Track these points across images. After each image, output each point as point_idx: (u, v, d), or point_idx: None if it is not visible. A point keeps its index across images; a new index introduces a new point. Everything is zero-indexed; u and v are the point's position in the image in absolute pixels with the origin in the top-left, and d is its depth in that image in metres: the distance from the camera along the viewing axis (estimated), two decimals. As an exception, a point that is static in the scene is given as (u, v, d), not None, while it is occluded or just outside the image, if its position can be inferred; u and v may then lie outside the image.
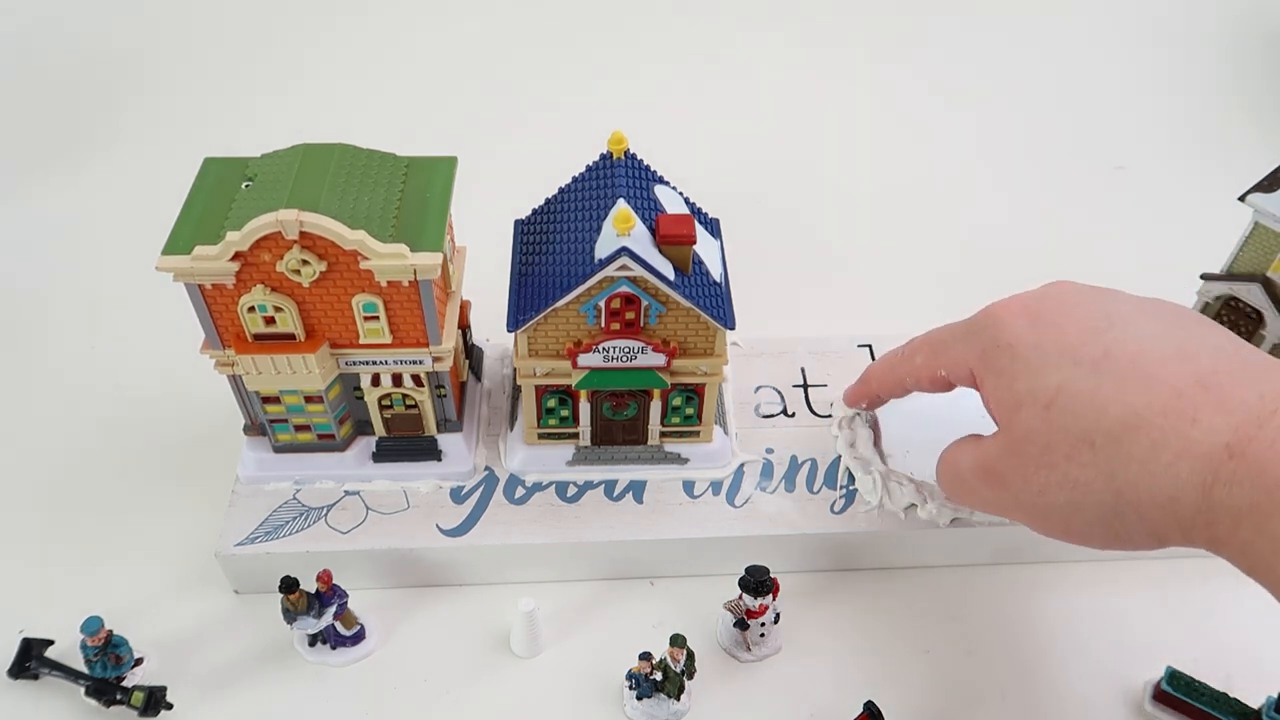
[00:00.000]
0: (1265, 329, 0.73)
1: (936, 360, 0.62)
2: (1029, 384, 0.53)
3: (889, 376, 0.67)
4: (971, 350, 0.58)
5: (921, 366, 0.63)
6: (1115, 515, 0.50)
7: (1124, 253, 0.98)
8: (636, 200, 0.61)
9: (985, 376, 0.57)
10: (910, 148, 1.12)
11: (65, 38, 1.25)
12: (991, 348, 0.56)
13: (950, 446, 0.61)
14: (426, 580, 0.69)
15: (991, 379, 0.56)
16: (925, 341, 0.64)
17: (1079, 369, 0.52)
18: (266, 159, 0.61)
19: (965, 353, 0.59)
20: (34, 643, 0.63)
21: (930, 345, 0.63)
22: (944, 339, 0.62)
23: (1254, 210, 0.72)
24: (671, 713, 0.61)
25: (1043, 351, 0.54)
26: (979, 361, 0.57)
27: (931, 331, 0.64)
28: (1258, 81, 1.23)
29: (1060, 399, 0.52)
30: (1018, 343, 0.55)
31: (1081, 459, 0.51)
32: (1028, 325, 0.55)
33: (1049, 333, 0.54)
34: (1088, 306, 0.55)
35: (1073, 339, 0.53)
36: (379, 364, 0.64)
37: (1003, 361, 0.55)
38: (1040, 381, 0.53)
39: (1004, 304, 0.58)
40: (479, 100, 1.17)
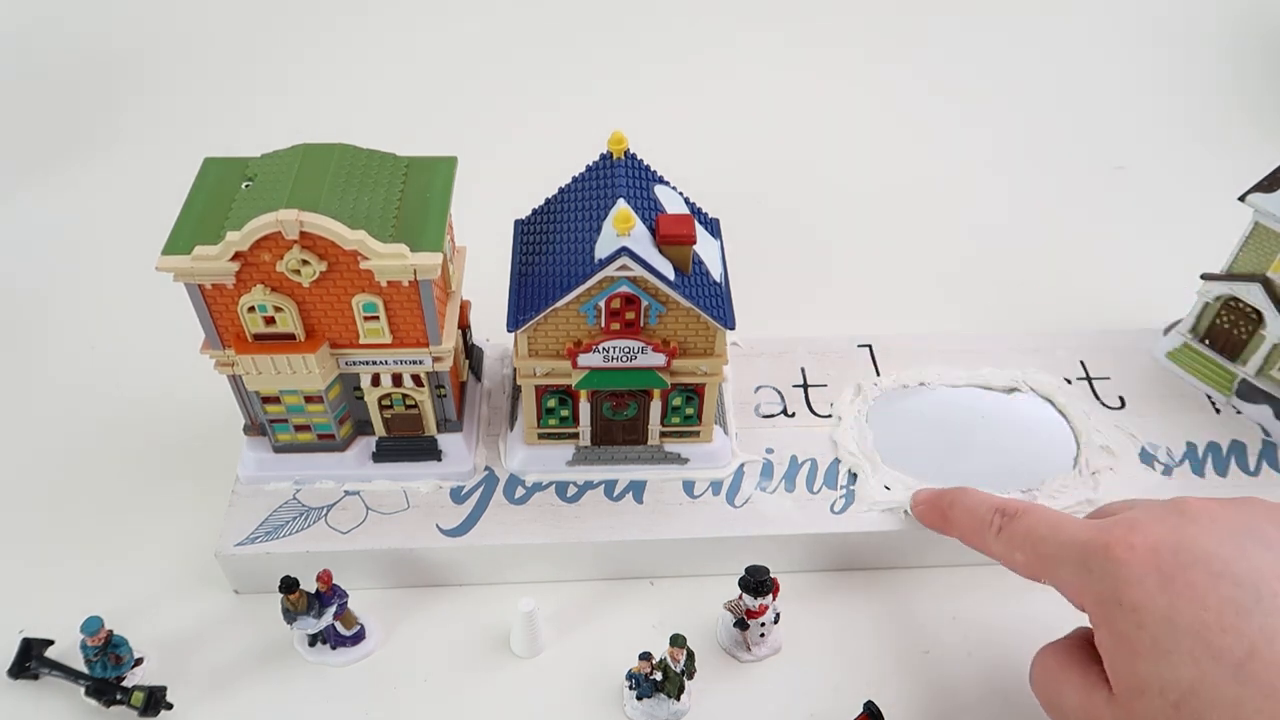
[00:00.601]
0: (1265, 329, 0.73)
1: (1041, 572, 0.55)
2: (1156, 669, 0.46)
3: (975, 538, 0.60)
4: (1085, 588, 0.51)
5: (1021, 566, 0.56)
6: None
7: (1124, 253, 0.98)
8: (636, 200, 0.61)
9: (1102, 630, 0.50)
10: (910, 148, 1.12)
11: (65, 38, 1.25)
12: (1111, 603, 0.49)
13: (1050, 655, 0.55)
14: (426, 580, 0.69)
15: (1110, 639, 0.49)
16: (1028, 537, 0.56)
17: (1218, 667, 0.44)
18: (266, 159, 0.61)
19: (1076, 584, 0.52)
20: (34, 643, 0.63)
21: (1035, 549, 0.55)
22: (1052, 552, 0.54)
23: (1254, 210, 0.72)
24: (671, 713, 0.61)
25: (1175, 631, 0.46)
26: (1094, 606, 0.50)
27: (1034, 520, 0.56)
28: (1258, 81, 1.23)
29: (1193, 702, 0.45)
30: (1145, 609, 0.47)
31: None
32: (1158, 586, 0.47)
33: (1184, 605, 0.46)
34: (1229, 565, 0.47)
35: (1212, 621, 0.45)
36: (379, 364, 0.64)
37: (1125, 626, 0.48)
38: (1171, 672, 0.46)
39: (1128, 543, 0.50)
40: (479, 100, 1.17)
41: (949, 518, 0.63)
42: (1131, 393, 0.78)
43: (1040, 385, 0.78)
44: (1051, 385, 0.77)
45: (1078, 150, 1.12)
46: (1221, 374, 0.77)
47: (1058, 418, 0.76)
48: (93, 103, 1.15)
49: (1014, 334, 0.82)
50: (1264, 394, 0.75)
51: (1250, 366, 0.75)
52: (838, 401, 0.76)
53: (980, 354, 0.80)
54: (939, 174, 1.08)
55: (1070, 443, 0.74)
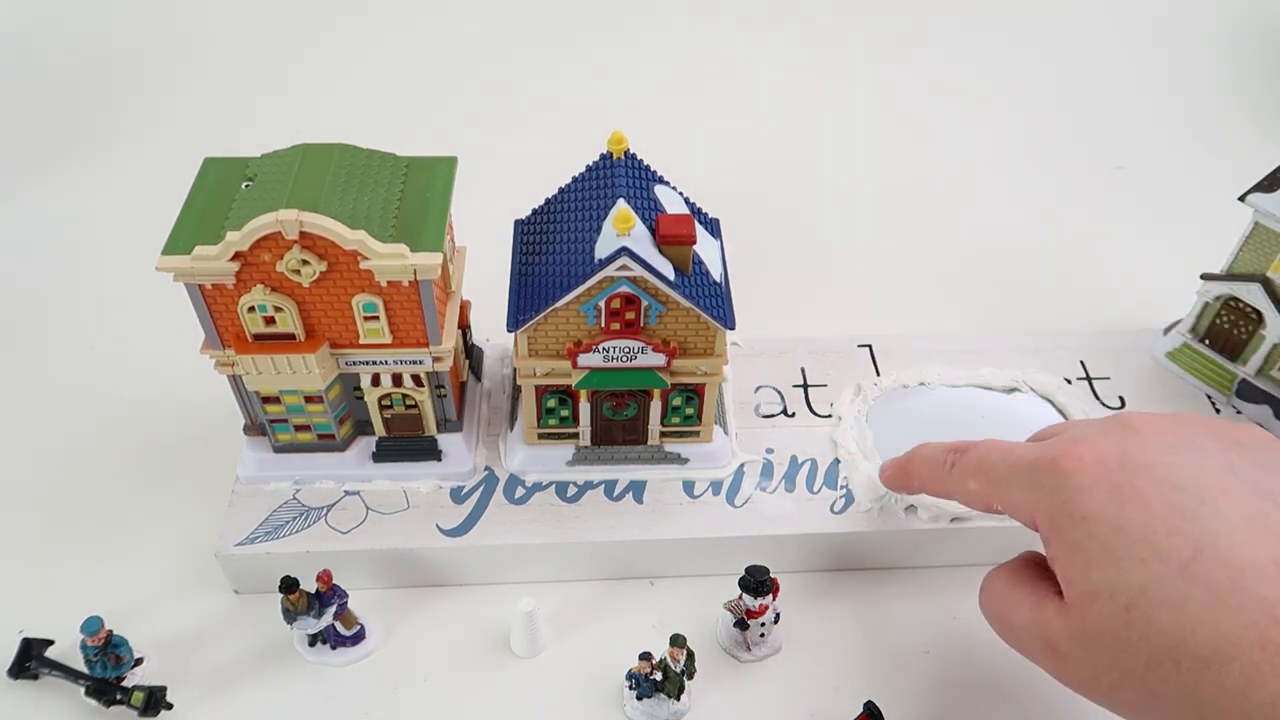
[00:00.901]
0: (1265, 329, 0.73)
1: (993, 495, 0.56)
2: (1107, 575, 0.47)
3: (934, 483, 0.61)
4: (1037, 503, 0.52)
5: (974, 494, 0.57)
6: None
7: (1124, 253, 0.98)
8: (636, 200, 0.61)
9: (1054, 543, 0.51)
10: (910, 148, 1.12)
11: (65, 38, 1.25)
12: (1062, 515, 0.50)
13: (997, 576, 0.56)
14: (426, 580, 0.69)
15: (1063, 551, 0.50)
16: (979, 465, 0.57)
17: (1166, 568, 0.46)
18: (266, 159, 0.61)
19: (1028, 501, 0.53)
20: (34, 643, 0.63)
21: (986, 474, 0.56)
22: (1003, 475, 0.55)
23: (1254, 210, 0.72)
24: (671, 713, 0.61)
25: (1125, 537, 0.47)
26: (1046, 522, 0.51)
27: (985, 449, 0.57)
28: (1258, 81, 1.23)
29: (1143, 602, 0.46)
30: (1095, 518, 0.49)
31: (1163, 674, 0.46)
32: (1107, 496, 0.49)
33: (1132, 512, 0.48)
34: (1172, 473, 0.49)
35: (1158, 525, 0.47)
36: (379, 364, 0.64)
37: (1076, 535, 0.49)
38: (1122, 576, 0.47)
39: (1076, 456, 0.51)
40: (479, 100, 1.17)
41: (910, 472, 0.64)
42: (1131, 393, 0.78)
43: (1040, 385, 0.78)
44: (1051, 385, 0.77)
45: (1078, 150, 1.12)
46: (1221, 374, 0.77)
47: (1058, 418, 0.76)
48: (93, 103, 1.15)
49: (1014, 334, 0.82)
50: (1264, 394, 0.75)
51: (1250, 366, 0.75)
52: (838, 401, 0.76)
53: (980, 354, 0.80)
54: (939, 174, 1.08)
55: (1070, 443, 0.74)
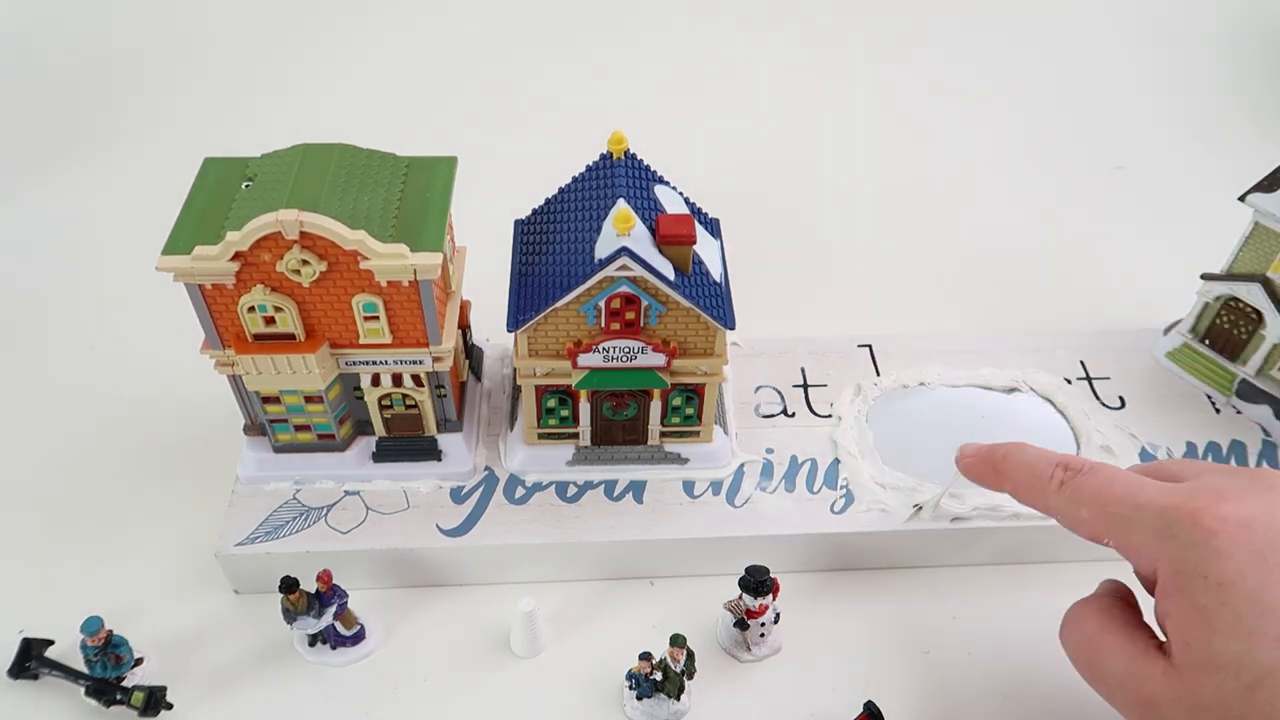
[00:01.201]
0: (1265, 329, 0.73)
1: (1109, 530, 0.52)
2: (1234, 649, 0.45)
3: (1032, 493, 0.57)
4: (1163, 553, 0.49)
5: (1084, 521, 0.53)
6: None
7: (1124, 253, 0.98)
8: (636, 200, 0.61)
9: (1175, 600, 0.48)
10: (910, 148, 1.12)
11: (65, 38, 1.25)
12: (1195, 574, 0.47)
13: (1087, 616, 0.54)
14: (426, 580, 0.69)
15: (1185, 611, 0.47)
16: (1097, 494, 0.53)
17: None
18: (266, 159, 0.61)
19: (1153, 549, 0.49)
20: (34, 643, 0.63)
21: (1105, 507, 0.52)
22: (1126, 514, 0.51)
23: (1254, 210, 0.72)
24: (671, 713, 0.61)
25: (1261, 613, 0.44)
26: (1172, 576, 0.48)
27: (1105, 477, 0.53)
28: (1258, 81, 1.23)
29: (1270, 683, 0.43)
30: (1231, 585, 0.45)
31: None
32: (1249, 565, 0.45)
33: (1274, 586, 0.45)
34: None
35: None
36: (379, 364, 0.64)
37: (1205, 600, 0.46)
38: (1251, 654, 0.44)
39: (1218, 514, 0.47)
40: (479, 100, 1.17)
41: (1002, 471, 0.59)
42: (1131, 393, 0.78)
43: (1040, 385, 0.78)
44: (1051, 385, 0.77)
45: (1078, 150, 1.12)
46: (1221, 374, 0.77)
47: (1058, 418, 0.76)
48: (93, 103, 1.15)
49: (1014, 334, 0.82)
50: (1264, 394, 0.75)
51: (1250, 366, 0.75)
52: (838, 401, 0.76)
53: (980, 354, 0.80)
54: (939, 174, 1.08)
55: (1070, 443, 0.74)
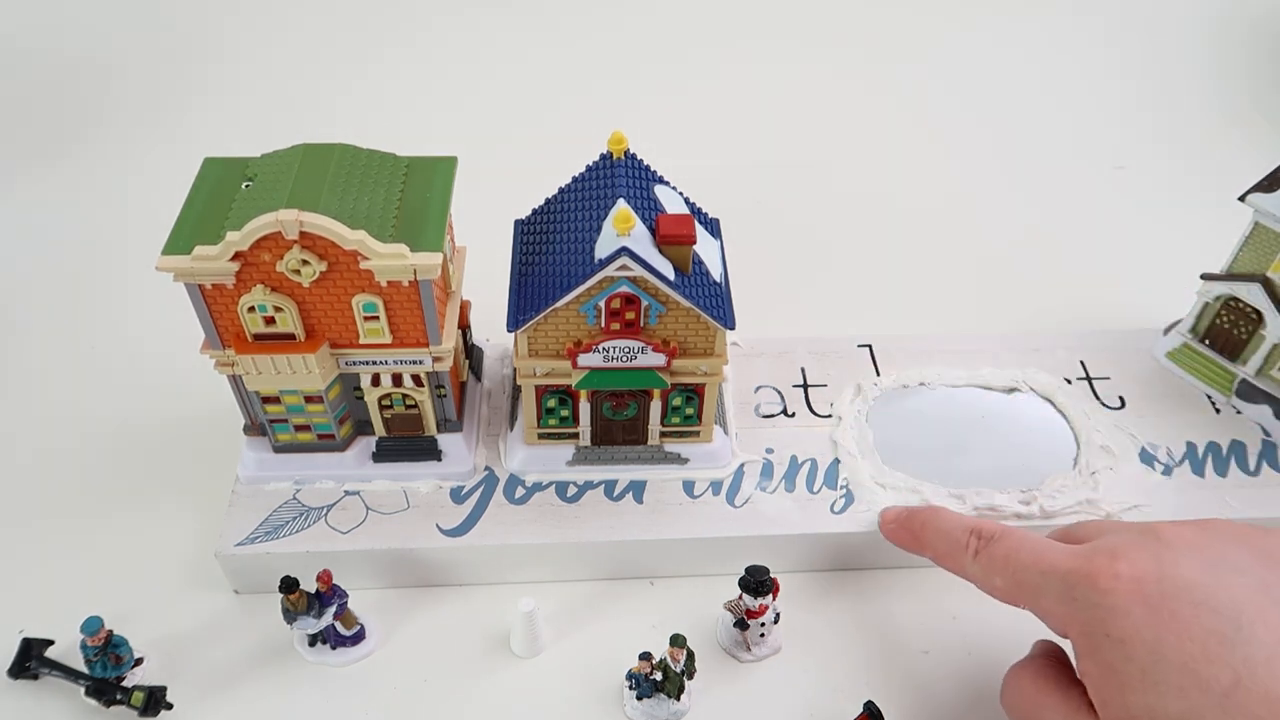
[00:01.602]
0: (1265, 329, 0.73)
1: (1022, 598, 0.55)
2: (1146, 701, 0.47)
3: (950, 560, 0.60)
4: (1070, 616, 0.51)
5: (1000, 591, 0.56)
6: None
7: (1124, 253, 0.98)
8: (636, 200, 0.61)
9: (1087, 659, 0.50)
10: (910, 148, 1.12)
11: (65, 37, 1.25)
12: (1099, 633, 0.49)
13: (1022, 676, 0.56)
14: (426, 580, 0.69)
15: (1097, 670, 0.50)
16: (1007, 563, 0.55)
17: (1206, 698, 0.45)
18: (266, 159, 0.61)
19: (1061, 613, 0.52)
20: (34, 643, 0.63)
21: (1015, 576, 0.55)
22: (1033, 581, 0.54)
23: (1254, 210, 0.72)
24: (671, 713, 0.61)
25: (1163, 663, 0.47)
26: (1081, 638, 0.51)
27: (1012, 544, 0.56)
28: (1258, 81, 1.23)
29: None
30: (1132, 641, 0.48)
31: None
32: (1144, 620, 0.48)
33: (1170, 637, 0.47)
34: (1210, 595, 0.48)
35: (1197, 652, 0.46)
36: (379, 364, 0.64)
37: (1112, 657, 0.49)
38: (1160, 704, 0.46)
39: (1113, 573, 0.50)
40: (479, 100, 1.17)
41: (920, 539, 0.63)
42: (1131, 393, 0.78)
43: (1040, 385, 0.78)
44: (1051, 385, 0.77)
45: (1078, 150, 1.12)
46: (1221, 374, 0.77)
47: (1058, 418, 0.76)
48: (93, 102, 1.15)
49: (1014, 334, 0.82)
50: (1264, 394, 0.75)
51: (1250, 366, 0.75)
52: (838, 401, 0.76)
53: (980, 354, 0.80)
54: (939, 174, 1.08)
55: (1070, 443, 0.74)
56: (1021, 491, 0.70)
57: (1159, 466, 0.73)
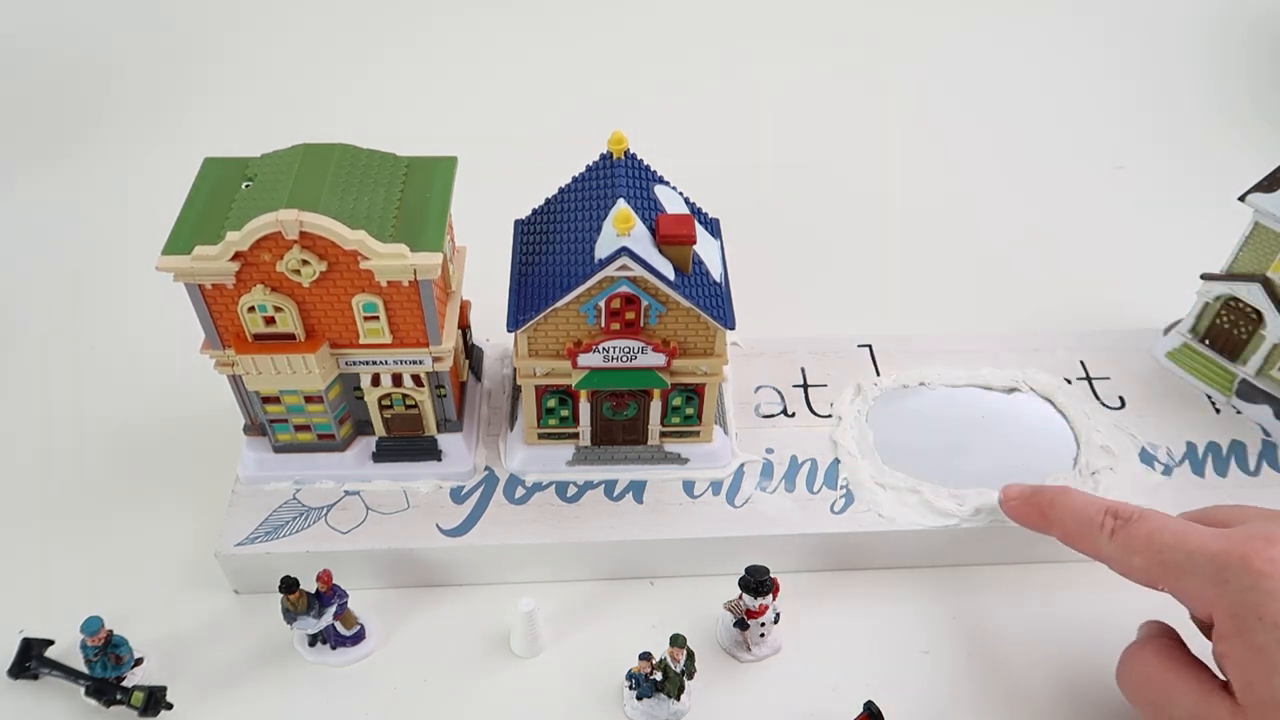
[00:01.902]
0: (1265, 329, 0.73)
1: (1164, 579, 0.54)
2: None
3: (1083, 540, 0.59)
4: (1218, 599, 0.51)
5: (1138, 569, 0.56)
6: None
7: (1124, 253, 0.98)
8: (636, 200, 0.61)
9: (1233, 643, 0.50)
10: (910, 148, 1.12)
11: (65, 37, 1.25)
12: (1251, 617, 0.49)
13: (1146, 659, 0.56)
14: (426, 580, 0.69)
15: (1245, 653, 0.49)
16: (1149, 543, 0.55)
17: None
18: (266, 159, 0.61)
19: (1208, 596, 0.52)
20: (34, 643, 0.63)
21: (1158, 555, 0.55)
22: (1179, 561, 0.53)
23: (1254, 210, 0.72)
24: (671, 713, 0.61)
25: None
26: (1228, 620, 0.50)
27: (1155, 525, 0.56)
28: (1258, 81, 1.23)
29: None
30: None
31: None
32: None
33: None
34: None
35: None
36: (379, 364, 0.64)
37: (1264, 641, 0.48)
38: None
39: (1269, 557, 0.50)
40: (479, 100, 1.17)
41: (1049, 516, 0.62)
42: (1131, 393, 0.78)
43: (1040, 385, 0.78)
44: (1051, 385, 0.77)
45: (1078, 150, 1.12)
46: (1221, 374, 0.77)
47: (1058, 418, 0.76)
48: (93, 102, 1.15)
49: (1014, 334, 0.82)
50: (1264, 394, 0.75)
51: (1250, 366, 0.75)
52: (838, 401, 0.76)
53: (980, 354, 0.80)
54: (939, 173, 1.08)
55: (1070, 443, 0.74)
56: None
57: (1159, 466, 0.73)
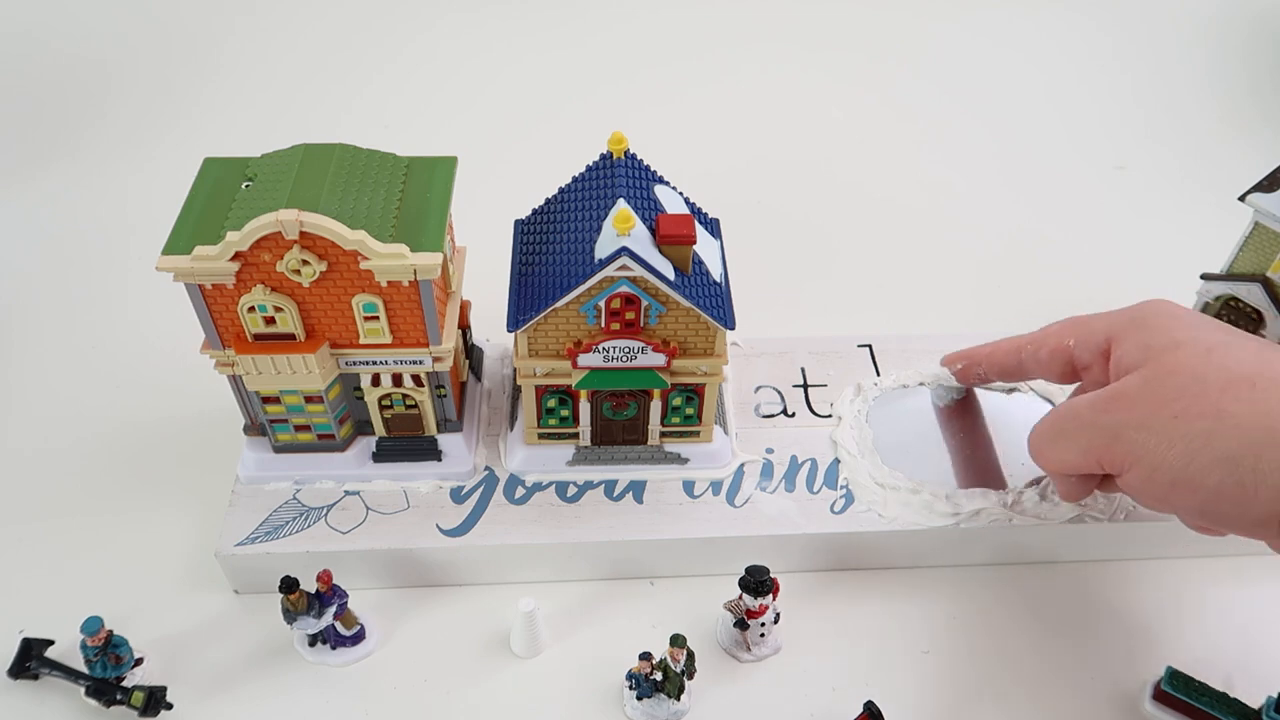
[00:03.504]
0: (1265, 329, 0.73)
1: (1074, 328, 0.62)
2: (1191, 334, 0.55)
3: (1008, 345, 0.67)
4: (1119, 318, 0.59)
5: (1053, 334, 0.64)
6: (1253, 457, 0.49)
7: (1124, 253, 0.98)
8: (636, 200, 0.61)
9: (1132, 334, 0.57)
10: (910, 148, 1.12)
11: (66, 37, 1.25)
12: (1149, 313, 0.58)
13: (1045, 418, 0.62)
14: (426, 580, 0.69)
15: (1142, 333, 0.57)
16: (1067, 318, 0.64)
17: (1241, 338, 0.54)
18: (266, 159, 0.61)
19: (1110, 321, 0.60)
20: (34, 643, 0.63)
21: (1071, 318, 0.64)
22: (1088, 315, 0.63)
23: (1254, 210, 0.72)
24: (671, 713, 0.61)
25: (1205, 321, 0.57)
26: (1128, 324, 0.58)
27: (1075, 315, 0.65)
28: (1258, 81, 1.23)
29: (1224, 349, 0.53)
30: (1179, 310, 0.58)
31: (1238, 393, 0.51)
32: (1185, 308, 0.59)
33: (1209, 318, 0.58)
34: None
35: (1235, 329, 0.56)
36: (379, 364, 0.64)
37: (1160, 320, 0.57)
38: (1203, 334, 0.55)
39: (1159, 299, 0.60)
40: (479, 100, 1.17)
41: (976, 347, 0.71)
42: (1131, 393, 0.78)
43: (1040, 385, 0.78)
44: (1051, 385, 0.77)
45: (1078, 150, 1.12)
46: (1221, 374, 0.77)
47: (1058, 418, 0.76)
48: (94, 102, 1.15)
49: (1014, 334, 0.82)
50: (1264, 394, 0.75)
51: (1250, 366, 0.75)
52: (838, 401, 0.76)
53: (980, 354, 0.80)
54: (939, 174, 1.08)
55: (1070, 443, 0.74)
56: (1028, 486, 0.70)
57: (1159, 466, 0.73)
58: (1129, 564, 0.71)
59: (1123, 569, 0.71)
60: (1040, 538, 0.69)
